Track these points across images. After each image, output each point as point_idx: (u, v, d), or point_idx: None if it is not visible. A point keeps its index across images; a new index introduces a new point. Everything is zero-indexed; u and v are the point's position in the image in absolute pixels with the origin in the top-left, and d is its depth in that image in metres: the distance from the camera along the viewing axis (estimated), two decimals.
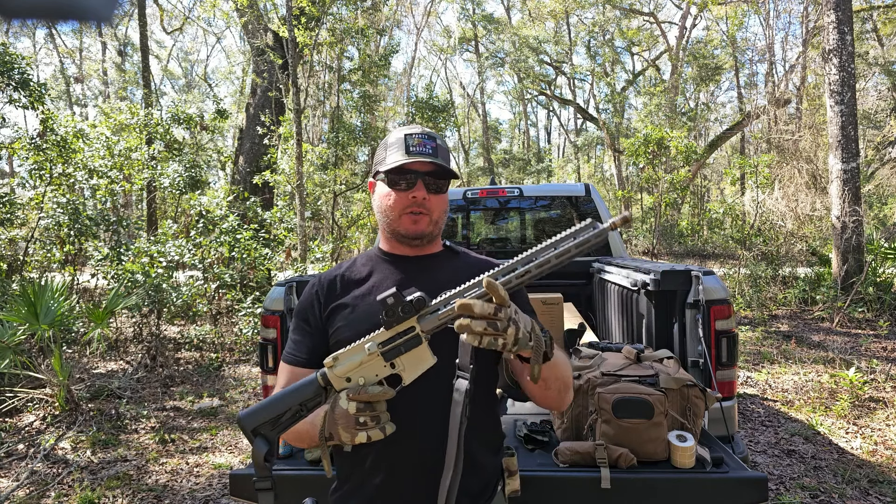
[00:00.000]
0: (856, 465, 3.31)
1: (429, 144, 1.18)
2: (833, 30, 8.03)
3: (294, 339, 1.21)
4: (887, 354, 5.77)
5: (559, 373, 1.08)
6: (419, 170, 1.17)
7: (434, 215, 1.20)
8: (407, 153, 1.16)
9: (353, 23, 11.86)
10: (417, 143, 1.17)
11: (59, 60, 27.55)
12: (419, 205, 1.17)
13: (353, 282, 1.23)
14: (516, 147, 34.20)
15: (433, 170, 1.18)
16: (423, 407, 1.10)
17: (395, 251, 1.26)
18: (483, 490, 1.16)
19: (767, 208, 11.85)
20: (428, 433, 1.09)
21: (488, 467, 1.18)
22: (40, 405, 4.48)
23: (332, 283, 1.24)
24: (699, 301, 2.16)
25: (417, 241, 1.21)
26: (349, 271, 1.26)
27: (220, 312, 7.30)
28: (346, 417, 0.93)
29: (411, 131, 1.20)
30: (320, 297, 1.22)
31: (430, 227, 1.21)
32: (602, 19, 22.06)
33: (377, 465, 1.13)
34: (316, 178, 12.15)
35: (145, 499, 3.14)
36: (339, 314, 1.18)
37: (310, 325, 1.20)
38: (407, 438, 1.10)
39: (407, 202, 1.17)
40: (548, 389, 1.09)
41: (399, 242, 1.24)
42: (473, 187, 4.54)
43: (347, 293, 1.21)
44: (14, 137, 7.02)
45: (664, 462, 1.72)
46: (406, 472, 1.11)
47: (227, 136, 25.63)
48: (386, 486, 1.12)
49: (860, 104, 13.19)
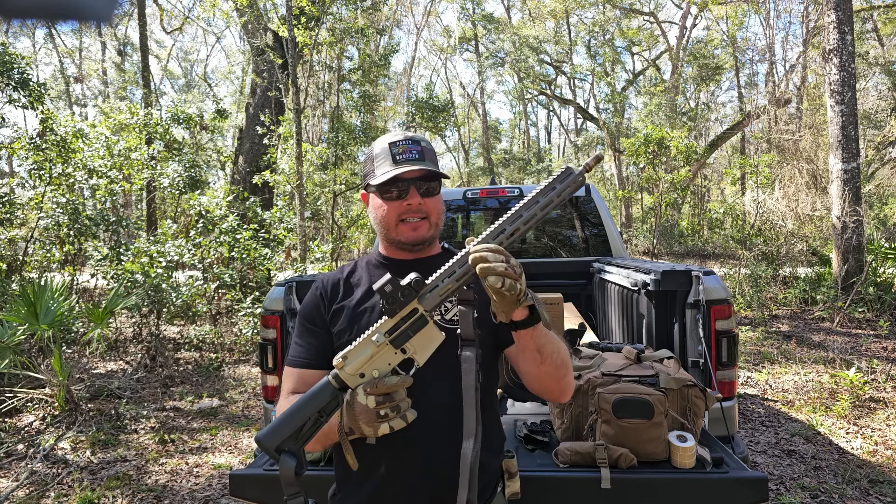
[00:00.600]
0: (856, 466, 3.31)
1: (414, 150, 1.18)
2: (833, 30, 8.03)
3: (299, 342, 1.21)
4: (887, 354, 5.77)
5: (554, 343, 1.08)
6: (408, 177, 1.16)
7: (433, 218, 1.21)
8: (394, 162, 1.16)
9: (352, 23, 11.85)
10: (403, 150, 1.17)
11: (58, 60, 27.55)
12: (415, 211, 1.17)
13: (354, 287, 1.24)
14: (516, 147, 34.18)
15: (423, 173, 1.17)
16: (427, 401, 1.09)
17: (394, 256, 1.27)
18: (483, 490, 1.16)
19: (768, 208, 11.85)
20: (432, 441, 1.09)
21: (489, 468, 1.18)
22: (40, 405, 4.48)
23: (336, 286, 1.24)
24: (699, 301, 2.16)
25: (419, 247, 1.22)
26: (351, 276, 1.27)
27: (219, 312, 7.30)
28: (366, 413, 0.93)
29: (395, 139, 1.19)
30: (325, 299, 1.23)
31: (431, 231, 1.21)
32: (602, 19, 22.06)
33: (378, 462, 1.12)
34: (316, 178, 12.14)
35: (145, 499, 3.14)
36: (342, 318, 1.18)
37: (316, 326, 1.21)
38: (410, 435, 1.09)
39: (402, 210, 1.18)
40: (543, 363, 1.07)
41: (399, 249, 1.24)
42: (473, 187, 4.54)
43: (349, 297, 1.22)
44: (14, 137, 7.02)
45: (664, 462, 1.72)
46: (408, 468, 1.11)
47: (227, 136, 25.62)
48: (387, 483, 1.12)
49: (860, 104, 13.19)
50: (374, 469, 1.13)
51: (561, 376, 1.11)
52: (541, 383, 1.13)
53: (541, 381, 1.12)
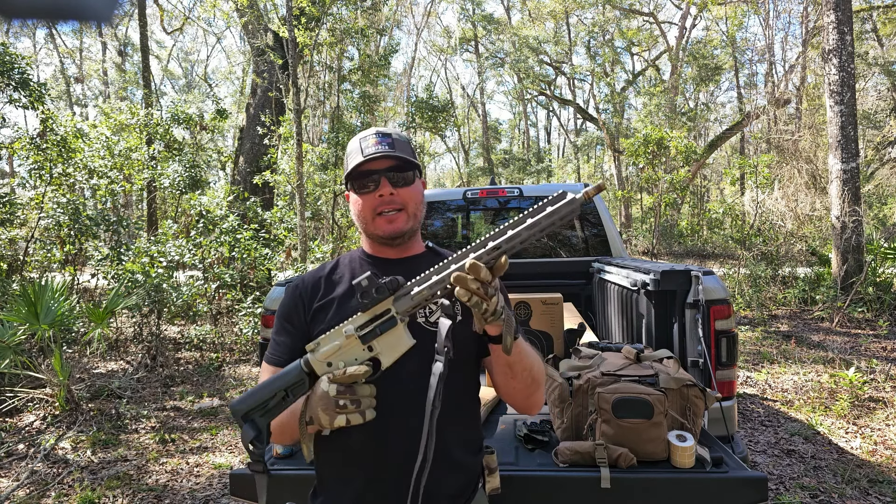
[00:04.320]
0: (855, 465, 3.31)
1: (384, 141, 1.18)
2: (833, 30, 8.03)
3: (276, 339, 1.21)
4: (887, 354, 5.77)
5: (526, 362, 1.08)
6: (379, 168, 1.16)
7: (409, 209, 1.19)
8: (362, 155, 1.16)
9: (353, 23, 11.86)
10: (373, 143, 1.17)
11: (59, 60, 27.56)
12: (388, 202, 1.17)
13: (336, 284, 1.23)
14: (516, 147, 34.18)
15: (393, 164, 1.17)
16: (405, 406, 1.09)
17: (377, 254, 1.26)
18: (463, 490, 1.16)
19: (767, 208, 11.86)
20: (411, 433, 1.08)
21: (468, 467, 1.18)
22: (40, 405, 4.48)
23: (316, 284, 1.24)
24: (699, 301, 2.16)
25: (399, 241, 1.21)
26: (332, 273, 1.26)
27: (220, 312, 7.30)
28: (325, 399, 0.95)
29: (365, 134, 1.20)
30: (304, 299, 1.22)
31: (410, 223, 1.20)
32: (602, 19, 22.07)
33: (358, 465, 1.12)
34: (316, 178, 12.15)
35: (145, 499, 3.14)
36: (323, 316, 1.18)
37: (293, 326, 1.20)
38: (389, 439, 1.10)
39: (375, 202, 1.17)
40: (514, 378, 1.09)
41: (380, 245, 1.24)
42: (473, 187, 4.54)
43: (330, 294, 1.21)
44: (14, 137, 7.02)
45: (664, 462, 1.72)
46: (389, 472, 1.10)
47: (227, 136, 25.64)
48: (367, 487, 1.11)
49: (860, 104, 13.20)
50: (355, 472, 1.13)
51: (529, 394, 1.14)
52: (509, 396, 1.16)
53: (509, 395, 1.15)
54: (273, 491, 1.74)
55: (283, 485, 1.74)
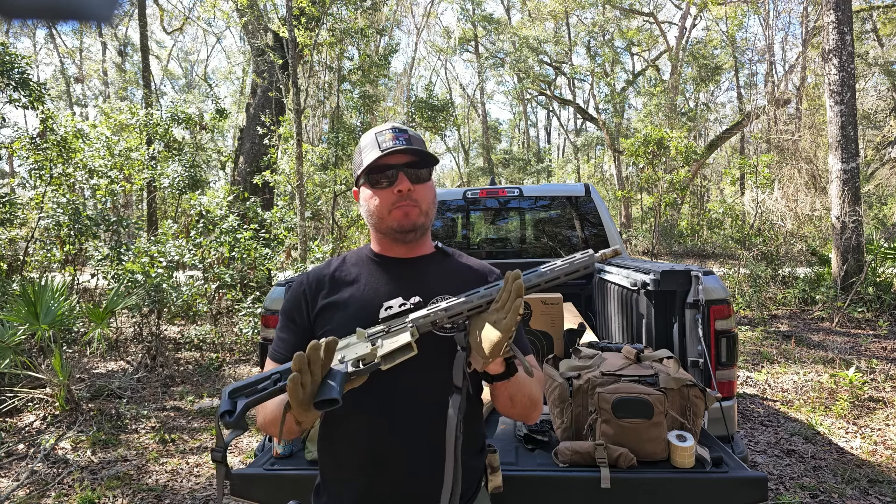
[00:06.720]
0: (855, 465, 3.31)
1: (401, 137, 1.16)
2: (833, 30, 8.03)
3: (280, 336, 1.20)
4: (887, 354, 5.77)
5: (526, 390, 1.11)
6: (397, 163, 1.15)
7: (423, 205, 1.18)
8: (380, 150, 1.14)
9: (353, 23, 11.85)
10: (389, 137, 1.16)
11: (59, 60, 27.55)
12: (405, 198, 1.15)
13: (342, 282, 1.21)
14: (516, 147, 34.17)
15: (411, 160, 1.16)
16: (406, 406, 1.10)
17: (386, 253, 1.24)
18: (466, 490, 1.16)
19: (767, 208, 11.86)
20: (413, 432, 1.09)
21: (472, 467, 1.19)
22: (40, 405, 4.48)
23: (321, 282, 1.22)
24: (699, 301, 2.16)
25: (412, 235, 1.18)
26: (339, 271, 1.23)
27: (220, 312, 7.30)
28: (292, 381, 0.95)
29: (381, 129, 1.18)
30: (307, 296, 1.20)
31: (422, 219, 1.18)
32: (602, 19, 22.07)
33: (360, 464, 1.12)
34: (316, 178, 12.15)
35: (145, 499, 3.14)
36: (328, 314, 1.17)
37: (296, 324, 1.19)
38: (392, 439, 1.10)
39: (393, 198, 1.15)
40: (514, 407, 1.12)
41: (393, 242, 1.21)
42: (473, 187, 4.54)
43: (336, 293, 1.19)
44: (14, 137, 7.02)
45: (664, 462, 1.72)
46: (391, 473, 1.10)
47: (227, 136, 25.64)
48: (369, 487, 1.11)
49: (860, 104, 13.20)
50: (358, 471, 1.12)
51: (527, 414, 1.16)
52: (509, 416, 1.19)
53: (510, 415, 1.19)
54: (274, 491, 1.75)
55: (284, 484, 1.74)
